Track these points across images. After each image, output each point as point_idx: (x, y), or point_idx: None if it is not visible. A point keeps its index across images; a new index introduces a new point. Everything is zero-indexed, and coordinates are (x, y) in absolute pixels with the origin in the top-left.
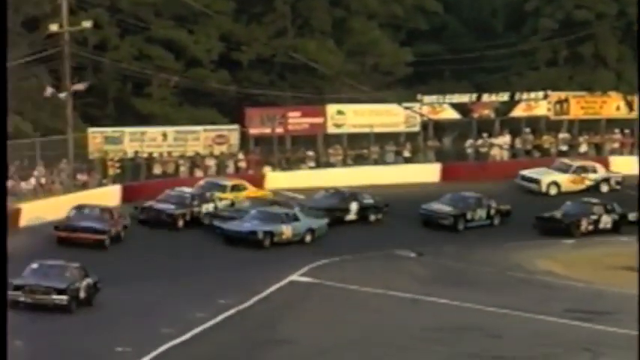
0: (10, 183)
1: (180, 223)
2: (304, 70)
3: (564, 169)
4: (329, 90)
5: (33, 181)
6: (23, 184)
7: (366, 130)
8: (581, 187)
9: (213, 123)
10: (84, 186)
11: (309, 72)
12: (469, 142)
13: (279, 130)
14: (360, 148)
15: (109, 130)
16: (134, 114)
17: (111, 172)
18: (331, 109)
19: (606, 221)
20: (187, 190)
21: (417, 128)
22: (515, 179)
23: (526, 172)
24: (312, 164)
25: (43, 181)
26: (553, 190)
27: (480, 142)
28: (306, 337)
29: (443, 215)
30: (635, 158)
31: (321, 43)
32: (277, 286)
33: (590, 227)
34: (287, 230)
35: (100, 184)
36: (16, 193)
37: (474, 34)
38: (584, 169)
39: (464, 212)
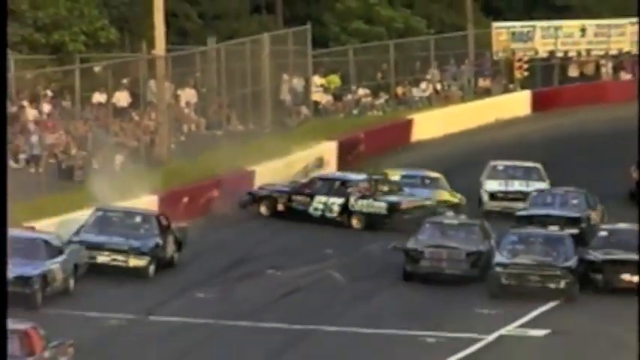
0: (399, 90)
1: None
2: None
3: (537, 176)
4: None
5: (425, 86)
6: (415, 91)
7: None
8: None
9: None
10: (486, 92)
11: None
12: None
13: None
14: None
15: (516, 25)
16: (547, 5)
17: (518, 75)
18: None
19: None
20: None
21: None
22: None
23: (498, 187)
24: None
25: (438, 86)
26: None
27: None
28: None
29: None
30: None
31: None
32: None
33: None
34: (58, 271)
35: (506, 90)
36: (407, 101)
37: None
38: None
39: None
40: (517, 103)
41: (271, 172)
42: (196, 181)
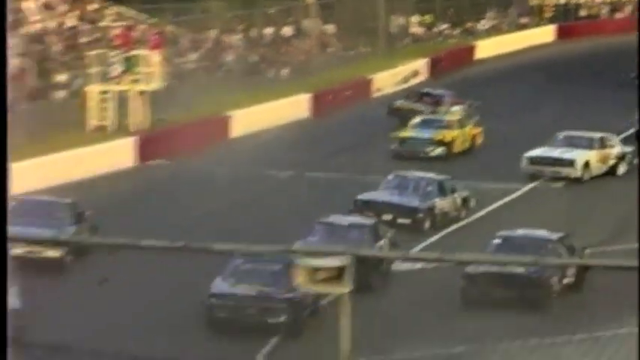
0: (468, 25)
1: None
2: None
3: (586, 144)
4: None
5: (485, 22)
6: (478, 25)
7: None
8: (604, 168)
9: None
10: (524, 26)
11: None
12: None
13: None
14: None
15: None
16: None
17: (547, 14)
18: None
19: None
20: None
21: None
22: (522, 165)
23: (540, 152)
24: None
25: (494, 22)
26: (587, 175)
27: None
28: None
29: None
30: None
31: None
32: None
33: None
34: None
35: (538, 25)
36: (473, 32)
37: None
38: (603, 143)
39: None
40: (546, 34)
41: (384, 78)
42: (345, 82)
